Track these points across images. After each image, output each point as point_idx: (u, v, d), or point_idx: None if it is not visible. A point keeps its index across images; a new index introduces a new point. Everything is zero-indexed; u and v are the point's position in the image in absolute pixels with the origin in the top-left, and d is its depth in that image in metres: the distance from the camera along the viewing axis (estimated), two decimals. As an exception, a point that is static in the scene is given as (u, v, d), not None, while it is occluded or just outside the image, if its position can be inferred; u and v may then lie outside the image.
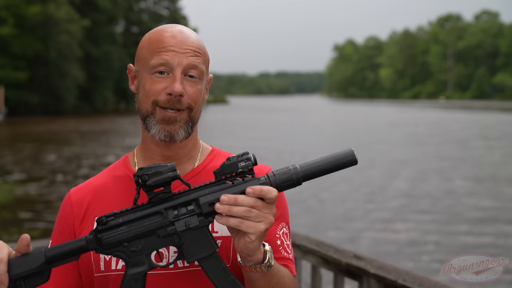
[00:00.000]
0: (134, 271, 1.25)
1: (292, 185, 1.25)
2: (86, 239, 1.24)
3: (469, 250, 8.11)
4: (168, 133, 1.38)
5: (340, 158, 1.27)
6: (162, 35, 1.39)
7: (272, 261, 1.27)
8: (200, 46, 1.41)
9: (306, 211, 10.75)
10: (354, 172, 14.69)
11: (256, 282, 1.29)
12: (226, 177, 1.25)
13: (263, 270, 1.26)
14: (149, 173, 1.23)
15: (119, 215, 1.25)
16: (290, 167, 1.25)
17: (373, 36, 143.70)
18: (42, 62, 45.64)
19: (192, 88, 1.38)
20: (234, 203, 1.19)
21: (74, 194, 1.49)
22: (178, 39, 1.38)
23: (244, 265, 1.27)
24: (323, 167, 1.26)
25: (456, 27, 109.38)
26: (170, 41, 1.37)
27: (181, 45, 1.37)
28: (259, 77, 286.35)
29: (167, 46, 1.37)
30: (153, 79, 1.37)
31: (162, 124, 1.38)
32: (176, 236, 1.24)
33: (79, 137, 26.51)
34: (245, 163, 1.24)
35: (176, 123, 1.38)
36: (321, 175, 1.27)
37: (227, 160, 1.25)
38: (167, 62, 1.36)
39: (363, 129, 31.64)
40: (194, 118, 1.41)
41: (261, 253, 1.26)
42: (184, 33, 1.40)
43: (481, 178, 14.62)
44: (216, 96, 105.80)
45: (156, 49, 1.37)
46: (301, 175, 1.25)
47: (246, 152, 1.25)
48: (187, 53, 1.37)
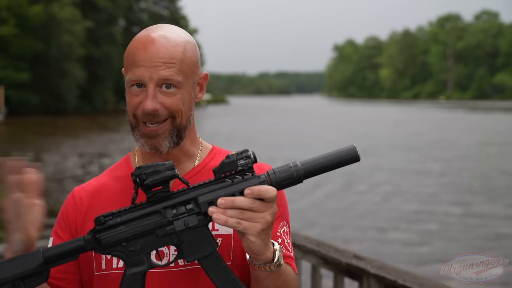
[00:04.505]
0: (133, 270, 1.24)
1: (293, 182, 1.23)
2: (84, 239, 1.24)
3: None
4: (152, 146, 1.38)
5: (342, 154, 1.24)
6: (135, 47, 1.37)
7: (282, 260, 1.27)
8: (174, 54, 1.35)
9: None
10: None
11: (264, 281, 1.28)
12: (226, 176, 1.23)
13: (272, 270, 1.25)
14: (147, 172, 1.21)
15: (117, 214, 1.24)
16: (290, 165, 1.23)
17: (373, 36, 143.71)
18: (44, 62, 45.67)
19: (169, 100, 1.35)
20: (232, 205, 1.18)
21: (78, 192, 1.50)
22: (148, 52, 1.34)
23: (253, 264, 1.26)
24: (324, 164, 1.23)
25: (456, 27, 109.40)
26: (140, 55, 1.34)
27: (151, 59, 1.33)
28: (259, 77, 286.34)
29: (138, 61, 1.34)
30: (131, 92, 1.38)
31: (144, 138, 1.38)
32: (175, 235, 1.23)
33: (80, 137, 26.52)
34: (245, 161, 1.22)
35: (159, 137, 1.37)
36: (322, 172, 1.24)
37: (226, 158, 1.22)
38: (139, 78, 1.34)
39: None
40: (179, 126, 1.38)
41: (271, 252, 1.25)
42: (158, 42, 1.35)
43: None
44: (216, 96, 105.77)
45: (130, 63, 1.37)
46: (302, 172, 1.23)
47: (245, 149, 1.23)
48: (158, 67, 1.33)
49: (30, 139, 24.60)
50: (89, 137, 26.41)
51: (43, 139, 24.85)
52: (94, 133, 29.04)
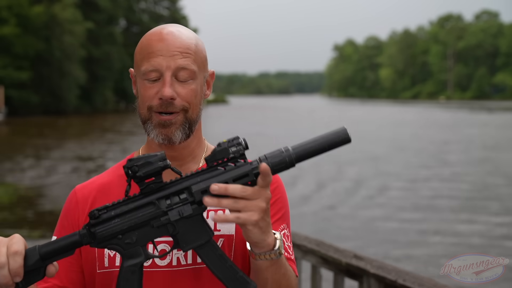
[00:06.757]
0: (130, 263, 1.24)
1: (285, 167, 1.23)
2: (79, 233, 1.24)
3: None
4: (166, 136, 1.40)
5: (333, 137, 1.23)
6: (150, 39, 1.41)
7: (283, 249, 1.27)
8: (190, 45, 1.40)
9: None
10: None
11: (264, 272, 1.28)
12: (218, 163, 1.23)
13: (272, 258, 1.25)
14: (139, 164, 1.21)
15: (111, 208, 1.24)
16: (282, 149, 1.23)
17: (373, 36, 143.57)
18: (45, 62, 45.67)
19: (185, 90, 1.39)
20: (225, 191, 1.18)
21: (80, 190, 1.51)
22: (165, 42, 1.39)
23: (254, 253, 1.26)
24: (316, 147, 1.23)
25: (456, 27, 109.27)
26: (157, 45, 1.39)
27: (168, 48, 1.38)
28: (259, 77, 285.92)
29: (155, 51, 1.38)
30: (146, 85, 1.40)
31: (158, 128, 1.40)
32: (170, 225, 1.23)
33: (80, 137, 26.50)
34: (236, 148, 1.21)
35: (172, 126, 1.39)
36: (314, 155, 1.24)
37: (217, 146, 1.22)
38: (156, 67, 1.37)
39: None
40: (191, 119, 1.41)
41: (272, 240, 1.25)
42: (173, 34, 1.40)
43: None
44: (216, 96, 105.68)
45: (146, 55, 1.40)
46: (294, 156, 1.22)
47: (236, 136, 1.23)
48: (175, 56, 1.37)
49: (30, 139, 24.60)
50: (89, 137, 26.40)
51: (43, 139, 24.84)
52: (94, 133, 29.03)
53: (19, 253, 1.18)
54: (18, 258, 1.18)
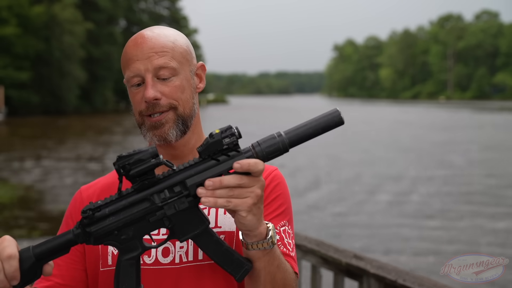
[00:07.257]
0: (127, 256, 1.24)
1: (279, 153, 1.21)
2: (73, 232, 1.23)
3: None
4: (160, 136, 1.40)
5: (326, 120, 1.22)
6: (127, 46, 1.44)
7: (275, 239, 1.26)
8: (165, 44, 1.40)
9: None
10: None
11: (257, 262, 1.27)
12: (211, 155, 1.20)
13: (265, 248, 1.25)
14: (131, 162, 1.18)
15: (104, 206, 1.22)
16: (274, 135, 1.21)
17: (373, 36, 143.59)
18: (45, 62, 45.68)
19: (168, 88, 1.39)
20: (220, 186, 1.17)
21: (85, 191, 1.53)
22: (140, 46, 1.40)
23: (246, 243, 1.26)
24: (309, 131, 1.22)
25: (456, 27, 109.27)
26: (133, 51, 1.41)
27: (143, 52, 1.39)
28: (259, 77, 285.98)
29: (132, 57, 1.40)
30: (132, 91, 1.43)
31: (152, 130, 1.41)
32: (166, 219, 1.22)
33: (80, 137, 26.50)
34: (230, 139, 1.19)
35: (164, 125, 1.40)
36: (308, 139, 1.22)
37: (210, 137, 1.19)
38: (136, 72, 1.39)
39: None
40: (183, 115, 1.41)
41: (264, 229, 1.25)
42: (146, 37, 1.41)
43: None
44: (216, 96, 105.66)
45: (125, 62, 1.42)
46: (288, 141, 1.20)
47: (229, 126, 1.19)
48: (151, 57, 1.38)
49: (30, 139, 24.60)
50: (89, 137, 26.40)
51: (43, 140, 24.85)
52: (94, 133, 29.04)
53: (13, 257, 1.17)
54: (13, 262, 1.17)
